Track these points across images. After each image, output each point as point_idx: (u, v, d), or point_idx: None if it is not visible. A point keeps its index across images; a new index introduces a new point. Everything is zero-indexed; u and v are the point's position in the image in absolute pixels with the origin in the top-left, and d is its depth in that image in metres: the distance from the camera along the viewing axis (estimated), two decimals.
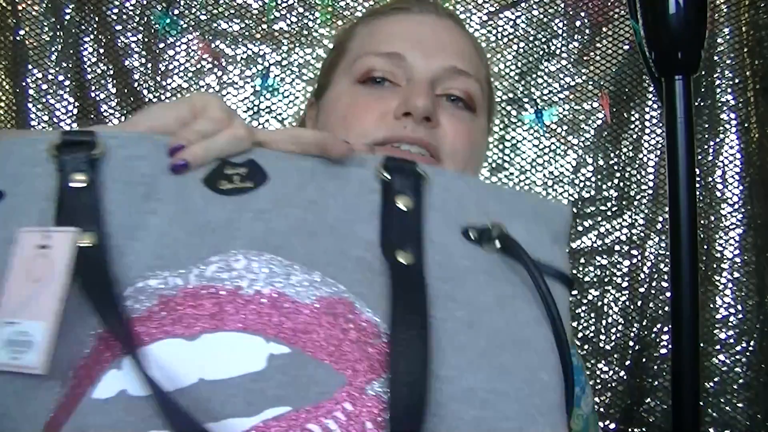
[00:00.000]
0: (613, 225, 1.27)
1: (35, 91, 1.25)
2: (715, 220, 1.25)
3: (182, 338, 0.47)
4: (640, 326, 1.26)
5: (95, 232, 0.49)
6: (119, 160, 0.52)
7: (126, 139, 0.53)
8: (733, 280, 1.24)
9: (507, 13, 1.29)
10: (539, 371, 0.50)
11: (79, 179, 0.50)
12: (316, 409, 0.45)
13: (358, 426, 0.45)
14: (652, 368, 1.25)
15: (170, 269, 0.49)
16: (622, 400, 1.24)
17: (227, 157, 0.53)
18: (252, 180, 0.53)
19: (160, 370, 0.45)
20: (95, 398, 0.45)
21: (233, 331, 0.47)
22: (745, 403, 1.22)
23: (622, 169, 1.28)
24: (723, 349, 1.23)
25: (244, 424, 0.44)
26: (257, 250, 0.49)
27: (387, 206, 0.53)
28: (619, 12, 1.28)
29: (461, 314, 0.50)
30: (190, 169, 0.52)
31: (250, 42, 1.27)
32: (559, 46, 1.28)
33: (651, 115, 1.28)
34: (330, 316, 0.48)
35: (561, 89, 1.28)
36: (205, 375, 0.45)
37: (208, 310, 0.47)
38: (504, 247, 0.53)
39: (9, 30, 1.25)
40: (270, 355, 0.46)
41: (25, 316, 0.47)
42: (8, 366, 0.46)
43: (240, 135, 0.54)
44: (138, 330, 0.47)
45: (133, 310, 0.47)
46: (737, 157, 1.25)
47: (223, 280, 0.48)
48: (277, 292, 0.48)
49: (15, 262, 0.48)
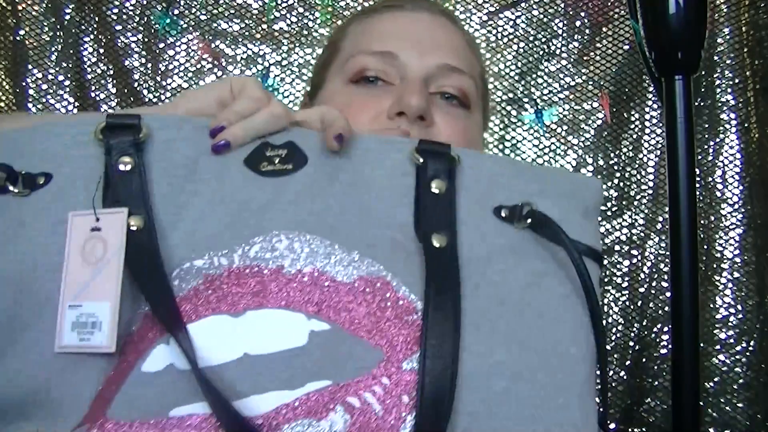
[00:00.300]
0: (613, 225, 1.27)
1: (35, 91, 1.25)
2: (715, 220, 1.25)
3: (228, 315, 0.49)
4: (640, 326, 1.26)
5: (142, 214, 0.50)
6: (162, 142, 0.53)
7: (168, 121, 0.55)
8: (733, 280, 1.24)
9: (507, 13, 1.29)
10: (569, 345, 0.52)
11: (126, 162, 0.52)
12: (355, 383, 0.47)
13: (395, 399, 0.47)
14: (652, 368, 1.25)
15: (215, 250, 0.51)
16: (622, 400, 1.24)
17: (266, 136, 0.55)
18: (292, 162, 0.54)
19: (206, 345, 0.47)
20: (144, 371, 0.47)
21: (276, 308, 0.49)
22: (745, 403, 1.22)
23: (622, 169, 1.28)
24: (723, 349, 1.23)
25: (287, 397, 0.46)
26: (298, 231, 0.51)
27: (421, 190, 0.54)
28: (619, 12, 1.27)
29: (492, 292, 0.52)
30: (231, 150, 0.54)
31: (250, 42, 1.27)
32: (559, 46, 1.28)
33: (651, 115, 1.27)
34: (368, 294, 0.50)
35: (561, 89, 1.28)
36: (250, 350, 0.47)
37: (252, 288, 0.49)
38: (535, 224, 0.55)
39: (9, 30, 1.25)
40: (311, 332, 0.48)
41: (88, 298, 0.48)
42: (79, 348, 0.48)
43: (278, 113, 0.55)
44: (185, 308, 0.48)
45: (179, 289, 0.49)
46: (737, 157, 1.25)
47: (266, 260, 0.50)
48: (317, 271, 0.50)
49: (71, 246, 0.50)
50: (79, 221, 0.50)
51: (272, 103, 0.56)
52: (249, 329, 0.48)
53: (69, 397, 0.48)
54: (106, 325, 0.48)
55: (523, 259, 0.54)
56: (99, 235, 0.49)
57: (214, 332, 0.48)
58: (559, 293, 0.54)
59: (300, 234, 0.51)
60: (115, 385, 0.47)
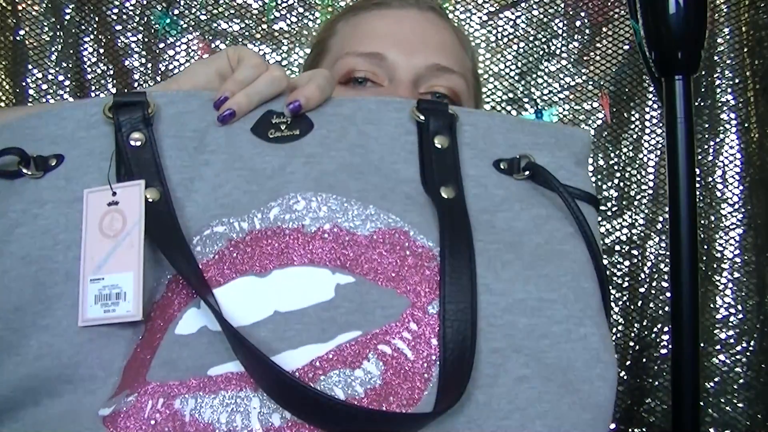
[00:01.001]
0: (613, 225, 1.27)
1: (35, 91, 1.25)
2: (715, 220, 1.25)
3: (255, 275, 0.50)
4: (640, 326, 1.26)
5: (157, 187, 0.52)
6: (170, 116, 0.55)
7: (174, 96, 0.56)
8: (733, 280, 1.24)
9: (507, 13, 1.28)
10: (581, 279, 0.54)
11: (137, 137, 0.53)
12: (384, 331, 0.49)
13: (424, 343, 0.49)
14: (652, 368, 1.25)
15: (234, 216, 0.52)
16: (622, 400, 1.24)
17: (270, 102, 0.56)
18: (298, 127, 0.55)
19: (236, 306, 0.49)
20: (178, 334, 0.49)
21: (301, 265, 0.50)
22: (745, 403, 1.22)
23: (622, 169, 1.28)
24: (723, 349, 1.23)
25: (320, 350, 0.48)
26: (313, 191, 0.52)
27: (425, 146, 0.56)
28: (619, 12, 1.27)
29: (503, 236, 0.54)
30: (236, 118, 0.55)
31: (250, 42, 1.27)
32: (559, 46, 1.28)
33: (651, 115, 1.27)
34: (388, 245, 0.51)
35: (561, 89, 1.28)
36: (280, 307, 0.49)
37: (276, 248, 0.51)
38: (533, 175, 0.57)
39: (9, 30, 1.25)
40: (337, 285, 0.50)
41: (110, 271, 0.49)
42: (104, 319, 0.49)
43: (277, 75, 0.56)
44: (211, 272, 0.50)
45: (204, 255, 0.51)
46: (737, 157, 1.25)
47: (286, 221, 0.52)
48: (337, 227, 0.51)
49: (88, 222, 0.51)
50: (94, 197, 0.52)
51: (271, 68, 0.57)
52: (277, 288, 0.50)
53: (98, 371, 0.49)
54: (131, 295, 0.49)
55: (527, 206, 0.56)
56: (117, 209, 0.51)
57: (242, 293, 0.50)
58: (565, 233, 0.56)
59: (316, 194, 0.52)
60: (150, 349, 0.49)
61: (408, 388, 0.48)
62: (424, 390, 0.48)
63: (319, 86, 0.57)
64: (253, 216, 0.52)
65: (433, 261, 0.51)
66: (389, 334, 0.49)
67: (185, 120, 0.55)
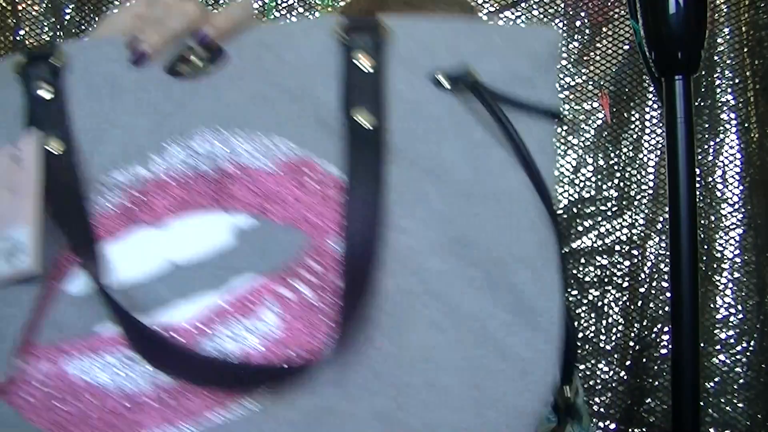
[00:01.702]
0: (613, 225, 1.27)
1: None
2: (715, 220, 1.25)
3: (151, 227, 0.49)
4: (640, 326, 1.26)
5: (61, 138, 0.50)
6: (82, 65, 0.53)
7: (87, 45, 0.54)
8: (733, 280, 1.24)
9: (507, 13, 1.29)
10: (518, 216, 0.49)
11: (45, 88, 0.51)
12: (284, 273, 0.47)
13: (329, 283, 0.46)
14: (652, 368, 1.25)
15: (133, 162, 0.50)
16: (622, 400, 1.24)
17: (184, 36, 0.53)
18: (212, 61, 0.52)
19: (131, 259, 0.48)
20: (68, 294, 0.48)
21: (200, 213, 0.48)
22: (745, 403, 1.22)
23: (622, 169, 1.28)
24: (723, 349, 1.23)
25: (216, 300, 0.46)
26: (215, 128, 0.50)
27: (347, 67, 0.52)
28: (619, 12, 1.28)
29: (426, 165, 0.50)
30: (150, 59, 0.53)
31: None
32: (559, 46, 1.28)
33: (651, 115, 1.28)
34: (293, 179, 0.48)
35: (561, 89, 1.28)
36: (176, 258, 0.47)
37: (174, 196, 0.49)
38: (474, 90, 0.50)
39: (9, 30, 1.25)
40: (236, 229, 0.48)
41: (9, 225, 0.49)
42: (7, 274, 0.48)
43: (189, 10, 0.54)
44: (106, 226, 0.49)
45: (103, 207, 0.49)
46: (737, 157, 1.25)
47: (186, 164, 0.49)
48: (239, 167, 0.49)
49: None
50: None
51: (185, 3, 0.55)
52: (174, 238, 0.48)
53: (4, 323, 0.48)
54: (28, 248, 0.48)
55: (463, 130, 0.51)
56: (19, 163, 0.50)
57: (138, 246, 0.48)
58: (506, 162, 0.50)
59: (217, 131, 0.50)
60: (41, 310, 0.48)
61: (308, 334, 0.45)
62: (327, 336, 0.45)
63: (230, 15, 0.55)
64: (151, 160, 0.50)
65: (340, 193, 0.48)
66: (289, 275, 0.47)
67: (98, 68, 0.53)
